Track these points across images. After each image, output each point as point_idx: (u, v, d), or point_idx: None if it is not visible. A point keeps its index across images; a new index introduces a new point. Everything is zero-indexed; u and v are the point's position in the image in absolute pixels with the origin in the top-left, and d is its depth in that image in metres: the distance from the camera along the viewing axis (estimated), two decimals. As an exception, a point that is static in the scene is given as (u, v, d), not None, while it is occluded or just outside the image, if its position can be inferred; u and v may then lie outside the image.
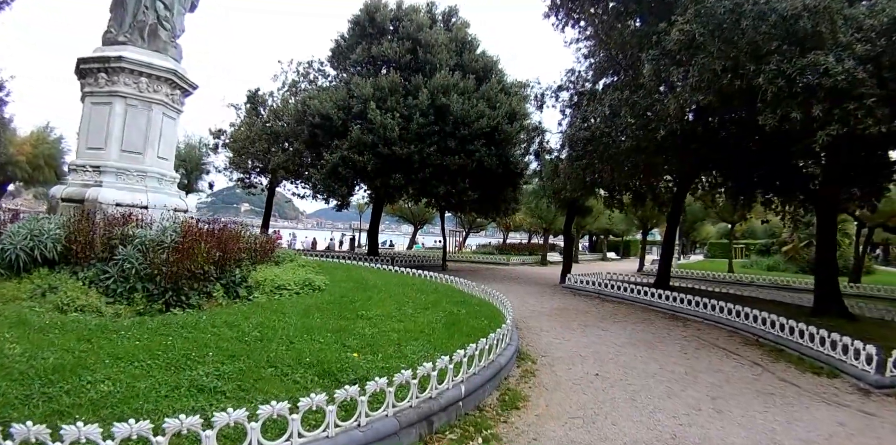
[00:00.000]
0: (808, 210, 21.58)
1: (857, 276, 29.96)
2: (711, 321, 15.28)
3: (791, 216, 22.82)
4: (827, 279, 15.91)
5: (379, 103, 24.94)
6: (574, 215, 27.05)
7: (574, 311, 16.42)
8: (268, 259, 15.51)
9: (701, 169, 17.90)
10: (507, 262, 40.08)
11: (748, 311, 14.06)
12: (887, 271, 44.21)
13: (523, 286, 23.40)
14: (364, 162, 24.29)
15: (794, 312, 16.41)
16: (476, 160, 24.96)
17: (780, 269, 40.72)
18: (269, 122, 31.98)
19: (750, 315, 13.91)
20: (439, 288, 15.02)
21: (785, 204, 21.54)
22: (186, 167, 41.12)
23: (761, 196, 21.50)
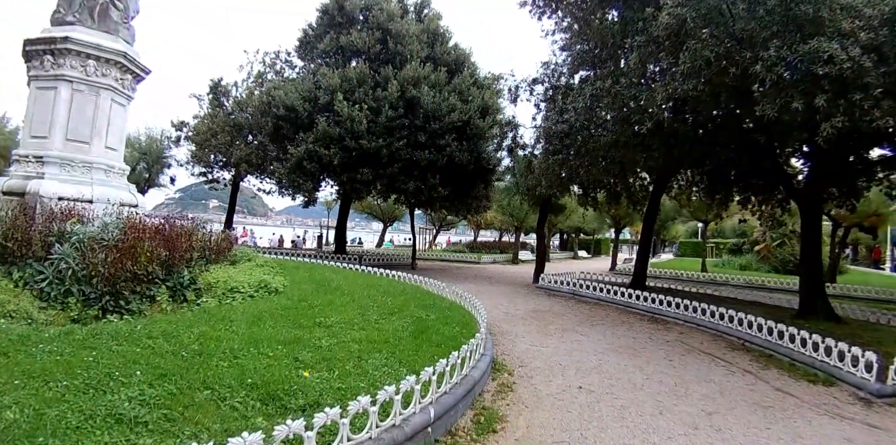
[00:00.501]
0: (784, 210, 21.05)
1: (833, 276, 29.68)
2: (693, 323, 14.62)
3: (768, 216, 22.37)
4: (812, 279, 15.28)
5: (346, 95, 23.94)
6: (547, 212, 26.31)
7: (550, 313, 15.60)
8: (224, 259, 14.62)
9: (680, 167, 17.14)
10: (478, 260, 39.31)
11: (732, 314, 13.43)
12: (858, 270, 44.30)
13: (495, 286, 22.59)
14: (330, 156, 23.27)
15: (778, 314, 15.88)
16: (447, 155, 24.09)
17: (752, 268, 40.55)
18: (232, 113, 30.76)
19: (735, 318, 13.26)
20: (407, 290, 14.13)
21: (762, 203, 20.98)
22: (147, 161, 39.81)
23: (738, 195, 21.00)
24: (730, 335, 13.23)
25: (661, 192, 22.21)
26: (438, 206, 30.92)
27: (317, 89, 24.68)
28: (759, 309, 16.90)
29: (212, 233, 15.48)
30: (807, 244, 15.76)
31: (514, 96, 20.38)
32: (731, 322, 13.39)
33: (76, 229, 10.25)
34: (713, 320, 14.01)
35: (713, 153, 14.78)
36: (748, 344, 12.44)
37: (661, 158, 13.86)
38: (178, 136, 35.55)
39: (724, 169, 18.55)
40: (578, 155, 15.36)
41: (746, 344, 12.50)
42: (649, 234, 22.48)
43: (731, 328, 13.24)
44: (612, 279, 24.43)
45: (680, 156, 14.08)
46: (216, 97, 31.79)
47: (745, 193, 20.51)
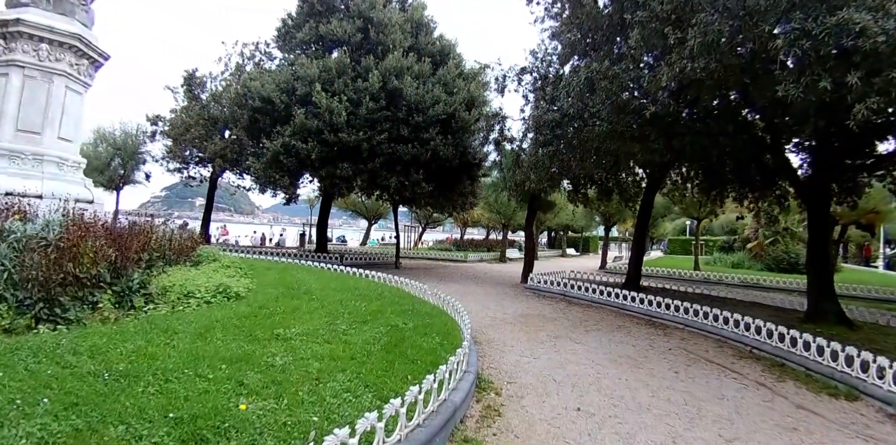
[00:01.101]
0: (783, 206, 20.12)
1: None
2: (694, 328, 13.61)
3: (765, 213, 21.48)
4: (821, 280, 14.21)
5: (325, 86, 22.75)
6: (536, 209, 25.20)
7: (540, 318, 14.48)
8: (186, 260, 13.53)
9: (677, 160, 15.98)
10: (464, 259, 38.19)
11: (738, 318, 12.42)
12: (851, 268, 43.52)
13: (482, 287, 21.46)
14: (308, 150, 22.07)
15: (784, 317, 14.91)
16: (430, 150, 22.94)
17: (744, 266, 39.71)
18: (207, 106, 29.47)
19: (741, 323, 12.26)
20: (385, 293, 13.01)
21: (759, 199, 20.01)
22: (122, 157, 38.44)
23: (735, 191, 20.04)
24: (735, 341, 12.24)
25: (655, 188, 21.18)
26: (423, 203, 29.78)
27: (295, 80, 23.48)
28: (763, 311, 15.94)
29: (174, 232, 14.55)
30: (814, 242, 14.70)
31: (502, 86, 19.18)
32: (736, 327, 12.39)
33: (14, 227, 9.17)
34: (716, 324, 13.00)
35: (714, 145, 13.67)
36: (757, 351, 11.47)
37: (660, 150, 12.76)
38: (154, 130, 34.23)
39: (722, 163, 17.60)
40: (570, 147, 14.22)
41: (755, 351, 11.53)
42: (643, 232, 21.41)
43: (737, 334, 12.25)
44: (603, 278, 23.39)
45: (679, 148, 12.97)
46: (190, 89, 30.45)
47: (742, 189, 19.52)
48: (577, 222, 52.96)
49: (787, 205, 20.26)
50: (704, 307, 13.65)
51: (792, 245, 38.79)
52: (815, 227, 14.72)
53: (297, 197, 34.33)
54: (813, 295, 14.29)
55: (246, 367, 5.97)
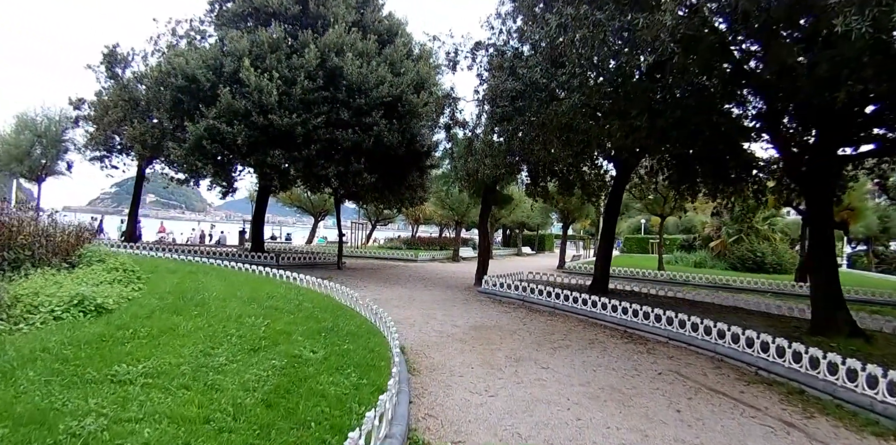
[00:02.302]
0: (760, 201, 18.54)
1: (804, 275, 27.05)
2: (681, 342, 11.45)
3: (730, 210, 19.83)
4: (829, 285, 12.03)
5: (256, 62, 20.01)
6: (491, 204, 22.72)
7: (497, 330, 11.96)
8: (64, 260, 11.05)
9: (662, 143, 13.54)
10: (414, 258, 35.58)
11: (737, 331, 10.27)
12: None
13: (431, 291, 18.90)
14: (234, 134, 19.30)
15: (782, 327, 12.90)
16: (373, 136, 20.33)
17: (707, 266, 38.27)
18: (128, 86, 26.35)
19: (741, 338, 10.08)
20: (306, 304, 10.50)
21: (734, 194, 18.14)
22: (42, 144, 34.87)
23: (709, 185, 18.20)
24: (735, 359, 10.13)
25: (624, 181, 18.90)
26: (368, 197, 27.17)
27: (223, 56, 20.68)
28: (754, 320, 13.94)
29: (55, 227, 12.07)
30: (817, 241, 12.54)
31: (453, 62, 16.53)
32: (735, 343, 10.28)
33: None
34: (708, 338, 10.85)
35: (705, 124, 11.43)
36: (762, 373, 9.32)
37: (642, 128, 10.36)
38: (77, 116, 30.88)
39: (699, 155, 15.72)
40: (533, 125, 11.75)
41: (761, 373, 9.37)
42: (611, 229, 19.10)
43: (737, 351, 10.15)
44: (565, 279, 21.19)
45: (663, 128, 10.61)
46: (111, 67, 27.22)
47: (716, 183, 17.59)
48: (533, 220, 50.87)
49: (765, 200, 18.82)
50: (693, 317, 11.45)
51: (757, 244, 37.32)
52: (817, 223, 12.59)
53: (234, 191, 31.46)
54: (819, 302, 12.10)
55: (32, 438, 3.43)
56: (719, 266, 37.45)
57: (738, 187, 17.65)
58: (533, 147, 12.68)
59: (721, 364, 10.04)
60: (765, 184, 17.87)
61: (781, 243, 39.57)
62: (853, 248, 48.58)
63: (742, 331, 10.17)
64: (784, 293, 24.20)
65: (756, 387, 8.62)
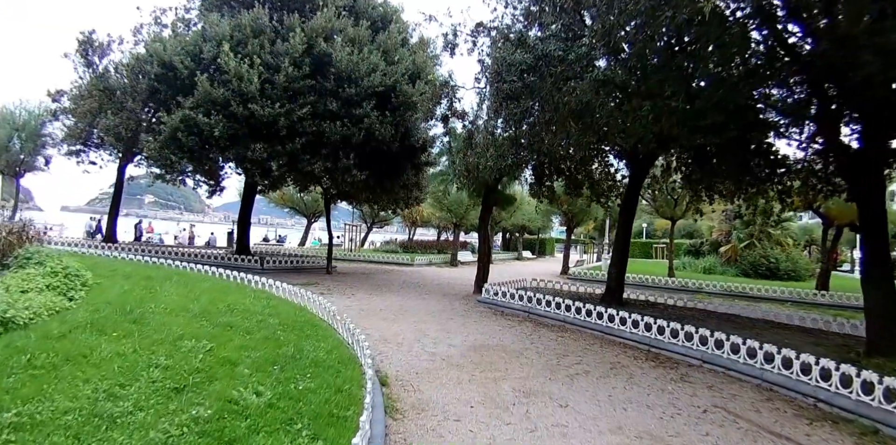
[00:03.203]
0: (786, 203, 16.88)
1: (825, 282, 25.31)
2: (718, 365, 9.71)
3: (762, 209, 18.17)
4: (884, 299, 10.19)
5: (238, 48, 18.30)
6: (491, 205, 20.84)
7: (500, 351, 10.13)
8: None
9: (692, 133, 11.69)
10: (410, 262, 33.69)
11: (789, 355, 8.53)
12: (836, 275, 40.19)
13: (425, 300, 17.04)
14: (211, 125, 17.56)
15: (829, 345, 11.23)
16: (364, 129, 18.56)
17: (717, 272, 36.32)
18: (104, 74, 24.60)
19: (794, 363, 8.40)
20: (269, 320, 8.77)
21: (757, 195, 16.56)
22: (21, 138, 33.19)
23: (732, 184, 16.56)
24: (785, 388, 8.41)
25: (640, 179, 17.04)
26: (361, 197, 25.38)
27: (204, 42, 18.95)
28: (794, 336, 12.18)
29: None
30: (873, 245, 10.77)
31: (452, 45, 14.71)
32: (787, 369, 8.51)
33: None
34: (752, 362, 9.10)
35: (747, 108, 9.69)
36: (823, 406, 7.72)
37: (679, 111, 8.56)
38: (56, 108, 29.13)
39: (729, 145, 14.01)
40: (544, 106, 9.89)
41: (821, 405, 7.73)
42: (627, 232, 17.18)
43: (788, 379, 8.41)
44: (572, 287, 19.38)
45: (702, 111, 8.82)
46: (85, 55, 25.41)
47: (739, 181, 16.01)
48: (534, 223, 49.03)
49: (791, 201, 17.02)
50: (732, 335, 9.67)
51: (770, 249, 35.54)
52: (871, 229, 10.83)
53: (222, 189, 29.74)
54: (876, 320, 10.29)
55: None
56: (730, 272, 35.61)
57: (761, 188, 16.14)
58: (544, 134, 10.78)
59: (771, 395, 8.29)
60: (791, 184, 16.18)
61: (795, 248, 37.83)
62: (865, 253, 46.54)
63: (796, 355, 8.43)
64: (806, 302, 22.46)
65: (822, 427, 6.90)
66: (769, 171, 15.30)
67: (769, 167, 15.14)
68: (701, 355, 10.06)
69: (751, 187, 16.16)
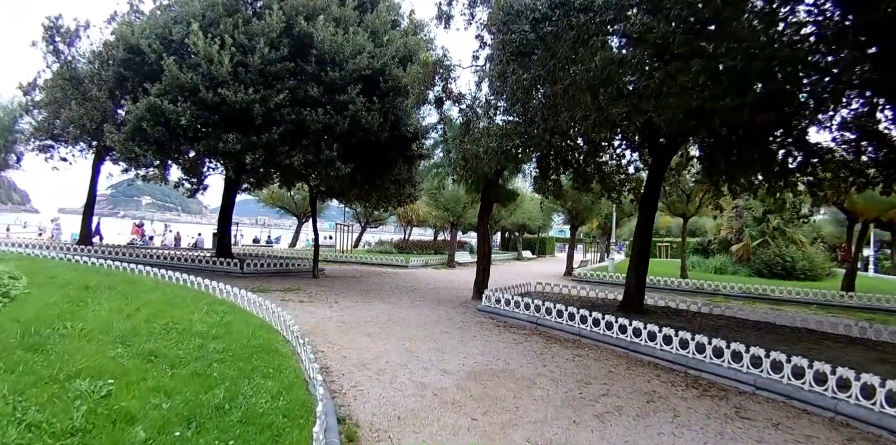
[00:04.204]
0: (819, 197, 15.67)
1: (851, 283, 23.44)
2: (775, 392, 7.85)
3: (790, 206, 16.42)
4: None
5: (210, 28, 16.41)
6: (492, 202, 18.78)
7: (508, 379, 8.11)
8: None
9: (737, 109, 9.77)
10: (405, 264, 31.69)
11: (871, 381, 6.70)
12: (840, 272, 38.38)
13: (418, 308, 15.06)
14: (178, 113, 15.65)
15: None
16: (349, 117, 16.59)
17: (728, 271, 34.41)
18: (72, 62, 22.68)
19: (879, 392, 6.62)
20: (212, 344, 6.95)
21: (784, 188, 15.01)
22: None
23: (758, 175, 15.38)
24: (866, 422, 6.72)
25: (662, 171, 15.04)
26: (351, 194, 23.43)
27: (175, 24, 17.05)
28: (849, 350, 10.37)
29: None
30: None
31: (446, 16, 12.75)
32: (868, 399, 6.75)
33: None
34: (821, 390, 7.29)
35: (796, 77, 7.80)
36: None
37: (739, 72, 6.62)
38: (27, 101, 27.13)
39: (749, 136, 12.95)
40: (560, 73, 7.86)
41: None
42: (648, 231, 15.13)
43: (871, 412, 6.67)
44: (580, 291, 17.52)
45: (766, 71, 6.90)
46: (51, 42, 23.39)
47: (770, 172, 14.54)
48: (534, 222, 47.07)
49: (824, 195, 15.66)
50: (795, 357, 7.79)
51: (785, 247, 33.65)
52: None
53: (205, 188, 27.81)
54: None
55: None
56: (742, 272, 33.69)
57: (789, 180, 14.68)
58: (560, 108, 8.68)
59: (852, 434, 6.48)
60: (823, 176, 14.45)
61: (809, 246, 35.95)
62: (876, 249, 44.68)
63: (880, 382, 6.60)
64: (832, 304, 20.73)
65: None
66: (801, 161, 13.95)
67: (806, 157, 13.76)
68: (754, 379, 8.20)
69: (778, 179, 14.62)
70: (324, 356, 8.56)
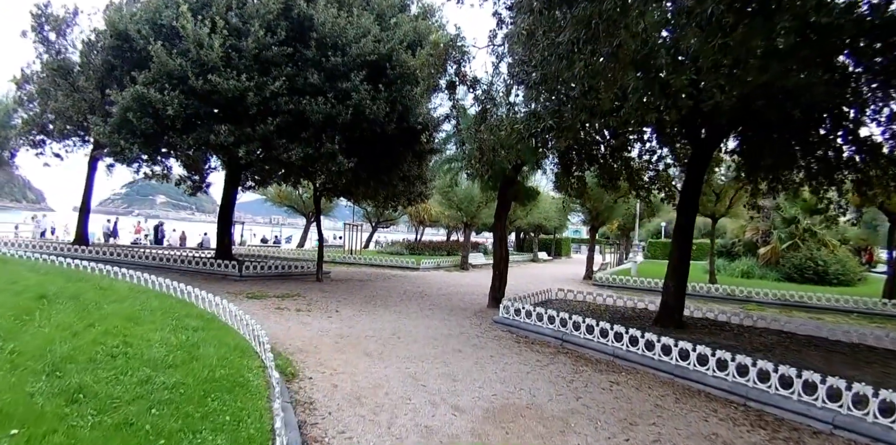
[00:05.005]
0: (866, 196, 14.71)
1: (894, 289, 21.68)
2: (856, 432, 6.34)
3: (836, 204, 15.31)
4: None
5: (202, 11, 15.04)
6: (509, 201, 17.09)
7: (535, 422, 6.49)
8: None
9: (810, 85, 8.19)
10: (416, 266, 30.14)
11: None
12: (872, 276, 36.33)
13: (428, 319, 13.48)
14: (164, 103, 14.26)
15: None
16: (352, 106, 15.12)
17: (755, 275, 32.60)
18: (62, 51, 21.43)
19: None
20: (159, 379, 5.44)
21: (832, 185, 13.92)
22: (-12, 128, 30.14)
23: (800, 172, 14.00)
24: None
25: (704, 165, 13.28)
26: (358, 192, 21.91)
27: (164, 8, 15.68)
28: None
29: None
30: None
31: (459, -9, 11.35)
32: None
33: None
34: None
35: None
36: None
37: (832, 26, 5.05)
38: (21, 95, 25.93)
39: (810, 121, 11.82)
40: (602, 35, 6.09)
41: None
42: (688, 233, 13.40)
43: None
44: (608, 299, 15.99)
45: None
46: (40, 30, 22.09)
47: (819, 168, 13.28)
48: (551, 222, 45.33)
49: (872, 194, 14.66)
50: (884, 390, 6.25)
51: (816, 250, 31.87)
52: None
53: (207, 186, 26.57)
54: None
55: None
56: (771, 277, 31.85)
57: (835, 178, 13.49)
58: (608, 74, 6.81)
59: None
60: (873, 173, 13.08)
61: (838, 248, 34.11)
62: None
63: None
64: (874, 313, 19.12)
65: None
66: (849, 156, 12.92)
67: (856, 152, 12.67)
68: (832, 417, 6.68)
69: (824, 175, 13.45)
70: (311, 384, 7.07)
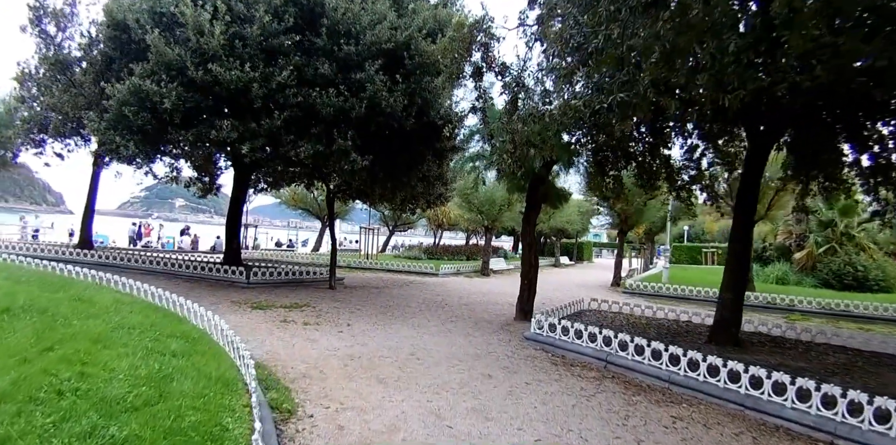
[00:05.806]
0: None
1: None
2: None
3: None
4: None
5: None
6: (539, 202, 15.60)
7: None
8: None
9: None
10: (435, 271, 28.75)
11: None
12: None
13: (449, 334, 12.02)
14: (162, 95, 13.07)
15: None
16: (367, 99, 13.84)
17: (790, 281, 30.98)
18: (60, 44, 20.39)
19: None
20: (110, 431, 3.99)
21: (889, 183, 12.37)
22: (-8, 129, 29.19)
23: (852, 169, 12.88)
24: None
25: (762, 162, 11.76)
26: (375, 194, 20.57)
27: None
28: None
29: None
30: None
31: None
32: None
33: None
34: None
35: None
36: None
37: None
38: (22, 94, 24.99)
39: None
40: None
41: None
42: (747, 238, 11.91)
43: None
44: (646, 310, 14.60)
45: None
46: (37, 24, 21.04)
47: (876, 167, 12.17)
48: (573, 225, 43.80)
49: None
50: None
51: (854, 255, 30.22)
52: None
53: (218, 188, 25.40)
54: None
55: None
56: (807, 283, 30.25)
57: (891, 176, 12.21)
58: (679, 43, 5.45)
59: None
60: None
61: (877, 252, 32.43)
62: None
63: None
64: (926, 322, 17.64)
65: None
66: None
67: None
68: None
69: (883, 173, 12.24)
70: (310, 425, 5.73)
